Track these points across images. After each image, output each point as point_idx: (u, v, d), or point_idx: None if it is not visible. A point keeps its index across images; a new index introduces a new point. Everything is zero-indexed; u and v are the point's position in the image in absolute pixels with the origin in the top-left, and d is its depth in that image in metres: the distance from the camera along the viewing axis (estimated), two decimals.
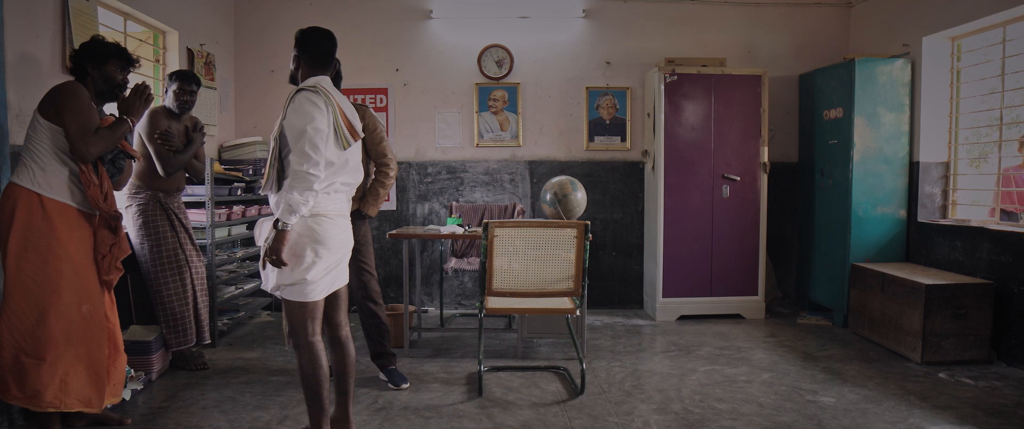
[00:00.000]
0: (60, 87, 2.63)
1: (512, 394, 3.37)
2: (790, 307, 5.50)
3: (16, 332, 2.50)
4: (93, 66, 2.70)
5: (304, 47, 2.52)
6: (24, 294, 2.50)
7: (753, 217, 5.05)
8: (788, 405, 3.22)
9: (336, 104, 2.43)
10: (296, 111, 2.34)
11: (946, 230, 4.43)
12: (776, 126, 5.45)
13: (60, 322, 2.53)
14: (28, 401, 2.49)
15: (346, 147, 2.45)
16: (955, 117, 4.65)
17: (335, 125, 2.40)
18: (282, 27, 5.32)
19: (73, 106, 2.56)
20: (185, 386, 3.44)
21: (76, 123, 2.55)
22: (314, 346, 2.47)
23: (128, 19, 4.02)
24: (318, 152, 2.31)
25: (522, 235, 3.35)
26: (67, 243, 2.57)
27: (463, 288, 5.53)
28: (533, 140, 5.48)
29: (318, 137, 2.32)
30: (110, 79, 2.73)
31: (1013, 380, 3.62)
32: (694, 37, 5.47)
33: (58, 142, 2.59)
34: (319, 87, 2.41)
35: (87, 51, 2.72)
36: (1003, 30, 4.19)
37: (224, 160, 4.93)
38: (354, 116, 2.57)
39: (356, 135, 2.51)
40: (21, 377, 2.49)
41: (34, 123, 2.61)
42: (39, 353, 2.50)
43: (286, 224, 2.31)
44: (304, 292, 2.43)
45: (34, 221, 2.52)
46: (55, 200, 2.57)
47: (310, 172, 2.29)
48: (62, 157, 2.60)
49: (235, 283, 4.64)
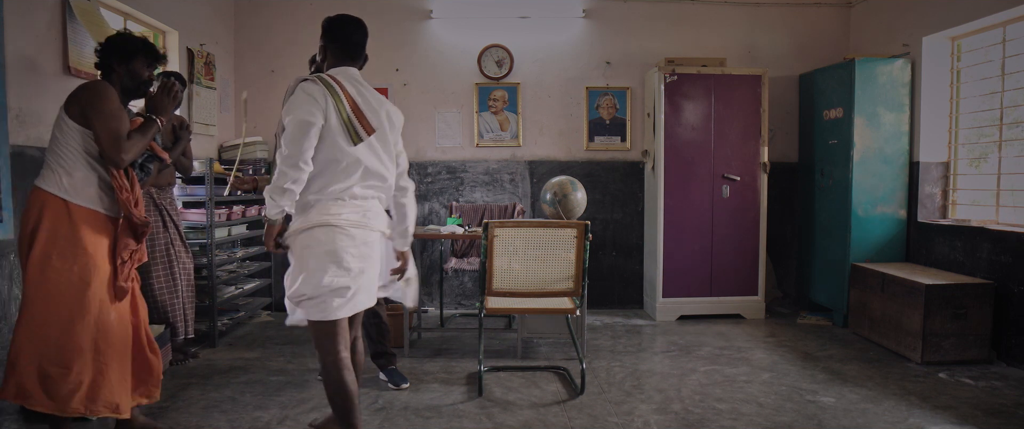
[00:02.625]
0: (87, 87, 2.47)
1: (512, 394, 3.37)
2: (790, 307, 5.50)
3: (38, 340, 2.39)
4: (119, 62, 2.54)
5: (333, 36, 2.35)
6: (47, 302, 2.40)
7: (753, 217, 5.05)
8: (788, 405, 3.22)
9: (345, 95, 2.24)
10: (288, 103, 2.24)
11: (946, 230, 4.43)
12: (776, 126, 5.45)
13: (87, 331, 2.43)
14: (55, 408, 2.40)
15: (356, 142, 2.24)
16: (955, 117, 4.65)
17: (342, 118, 2.21)
18: (282, 27, 5.32)
19: (103, 109, 2.40)
20: (185, 386, 3.44)
21: (108, 128, 2.39)
22: (337, 365, 2.28)
23: (128, 19, 4.02)
24: (294, 146, 2.15)
25: (522, 235, 3.35)
26: (94, 251, 2.45)
27: (463, 288, 5.53)
28: (533, 140, 5.48)
29: (299, 130, 2.16)
30: (137, 76, 2.57)
31: (1013, 380, 3.62)
32: (694, 37, 5.47)
33: (86, 145, 2.44)
34: (323, 77, 2.25)
35: (113, 46, 2.56)
36: (1003, 30, 4.19)
37: (224, 160, 4.93)
38: (380, 107, 2.36)
39: (370, 128, 2.27)
40: (47, 385, 2.39)
41: (60, 123, 2.46)
42: (65, 362, 2.39)
43: (271, 220, 2.22)
44: (322, 309, 2.23)
45: (60, 229, 2.40)
46: (82, 206, 2.44)
47: (281, 167, 2.16)
48: (90, 161, 2.45)
49: (235, 283, 4.64)
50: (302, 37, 5.26)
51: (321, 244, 2.22)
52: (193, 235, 4.09)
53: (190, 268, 3.76)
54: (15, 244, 2.94)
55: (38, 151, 3.07)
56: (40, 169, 2.48)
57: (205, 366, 3.79)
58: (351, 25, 2.37)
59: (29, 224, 2.42)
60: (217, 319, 4.24)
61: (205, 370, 3.72)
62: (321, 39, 2.39)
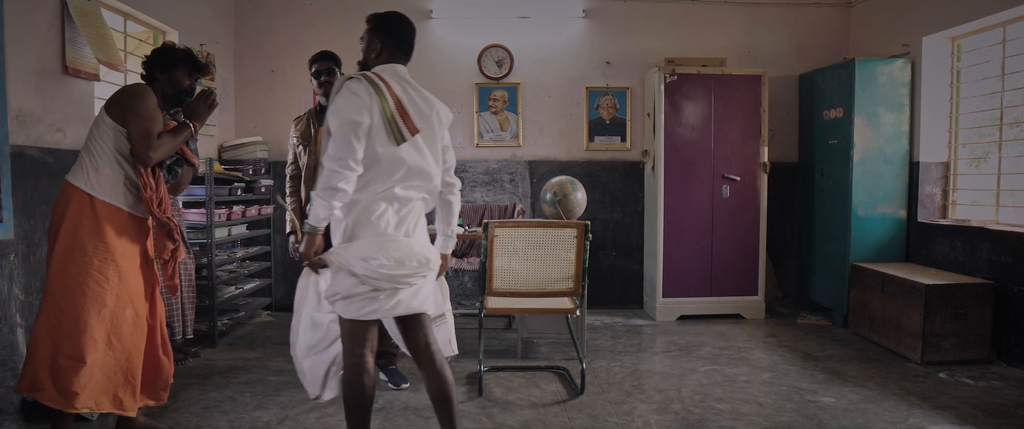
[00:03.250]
0: (128, 88, 2.61)
1: (512, 394, 3.37)
2: (790, 307, 5.50)
3: (54, 331, 2.45)
4: (162, 71, 2.68)
5: (388, 31, 2.31)
6: (66, 294, 2.46)
7: (753, 217, 5.05)
8: (788, 405, 3.22)
9: (390, 93, 2.19)
10: (333, 103, 2.20)
11: (946, 230, 4.43)
12: (776, 126, 5.45)
13: (102, 326, 2.49)
14: (62, 401, 2.44)
15: (399, 141, 2.19)
16: (955, 117, 4.65)
17: (386, 116, 2.17)
18: (282, 27, 5.32)
19: (139, 109, 2.52)
20: (185, 386, 3.44)
21: (139, 127, 2.50)
22: (358, 366, 2.24)
23: (128, 19, 4.02)
24: (344, 146, 2.11)
25: (522, 235, 3.35)
26: (114, 247, 2.53)
27: (463, 288, 5.53)
28: (533, 140, 5.48)
29: (347, 130, 2.12)
30: (177, 85, 2.71)
31: (1013, 380, 3.62)
32: (694, 37, 5.47)
33: (118, 143, 2.54)
34: (368, 75, 2.21)
35: (157, 57, 2.71)
36: (1003, 30, 4.19)
37: (224, 160, 4.93)
38: (430, 109, 2.31)
39: (413, 128, 2.21)
40: (58, 376, 2.44)
41: (99, 121, 2.57)
42: (78, 355, 2.44)
43: (314, 228, 2.16)
44: (349, 308, 2.22)
45: (84, 222, 2.49)
46: (106, 202, 2.52)
47: (330, 167, 2.12)
48: (119, 159, 2.55)
49: (235, 283, 4.64)
50: (302, 37, 5.26)
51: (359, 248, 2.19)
52: (193, 235, 4.09)
53: (190, 269, 3.76)
54: (15, 244, 2.95)
55: (38, 151, 3.08)
56: (42, 169, 2.51)
57: (205, 366, 3.79)
58: (404, 21, 2.35)
59: (55, 217, 2.51)
60: (217, 319, 4.24)
61: (205, 370, 3.72)
62: (369, 34, 2.35)
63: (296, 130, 3.56)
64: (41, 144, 3.10)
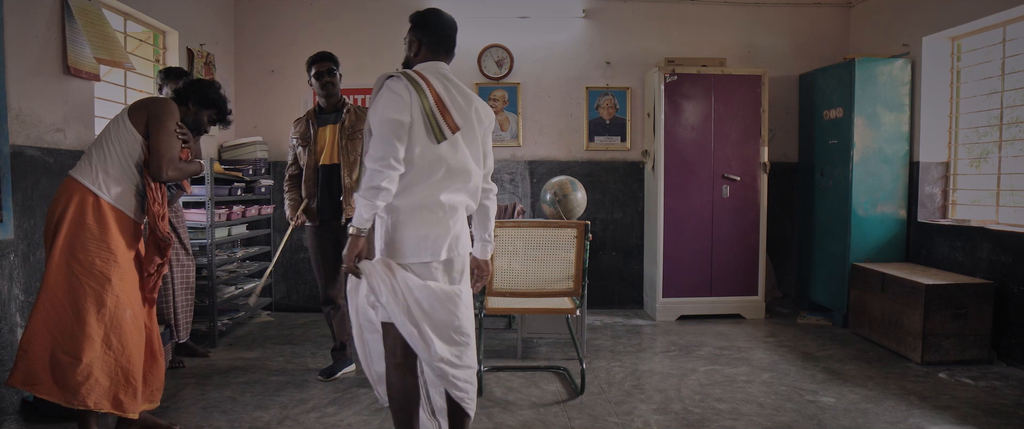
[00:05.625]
0: (160, 101, 2.68)
1: (512, 394, 3.37)
2: (790, 307, 5.50)
3: (53, 327, 2.46)
4: (194, 104, 2.85)
5: (430, 29, 2.29)
6: (67, 291, 2.47)
7: (753, 217, 5.05)
8: (788, 405, 3.23)
9: (430, 90, 2.16)
10: (373, 102, 2.17)
11: (946, 230, 4.43)
12: (776, 126, 5.45)
13: (100, 325, 2.50)
14: (61, 397, 2.45)
15: (439, 139, 2.15)
16: (955, 117, 4.65)
17: (426, 112, 2.13)
18: (282, 27, 5.32)
19: (167, 126, 2.61)
20: (185, 386, 3.44)
21: (165, 143, 2.59)
22: (398, 367, 2.26)
23: (128, 19, 4.02)
24: (386, 145, 2.08)
25: (522, 235, 3.35)
26: (117, 248, 2.54)
27: None
28: (533, 140, 5.48)
29: (388, 129, 2.09)
30: (200, 120, 2.88)
31: (1013, 380, 3.62)
32: (694, 37, 5.47)
33: (133, 150, 2.58)
34: (408, 73, 2.18)
35: (200, 90, 2.86)
36: (1003, 30, 4.19)
37: (224, 160, 4.93)
38: (469, 106, 2.26)
39: (454, 126, 2.17)
40: (57, 373, 2.45)
41: (119, 125, 2.59)
42: (76, 352, 2.45)
43: (359, 229, 2.12)
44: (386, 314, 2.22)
45: (87, 220, 2.49)
46: (112, 204, 2.54)
47: (373, 167, 2.08)
48: (129, 166, 2.58)
49: (235, 283, 4.64)
50: (302, 37, 5.26)
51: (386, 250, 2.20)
52: (193, 235, 4.09)
53: (191, 270, 3.75)
54: (15, 244, 2.95)
55: (38, 151, 3.08)
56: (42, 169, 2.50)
57: (205, 366, 3.79)
58: (445, 18, 2.33)
59: (56, 212, 2.51)
60: (217, 319, 4.24)
61: (205, 370, 3.72)
62: (409, 33, 2.34)
63: (296, 131, 3.56)
64: (41, 144, 3.10)
